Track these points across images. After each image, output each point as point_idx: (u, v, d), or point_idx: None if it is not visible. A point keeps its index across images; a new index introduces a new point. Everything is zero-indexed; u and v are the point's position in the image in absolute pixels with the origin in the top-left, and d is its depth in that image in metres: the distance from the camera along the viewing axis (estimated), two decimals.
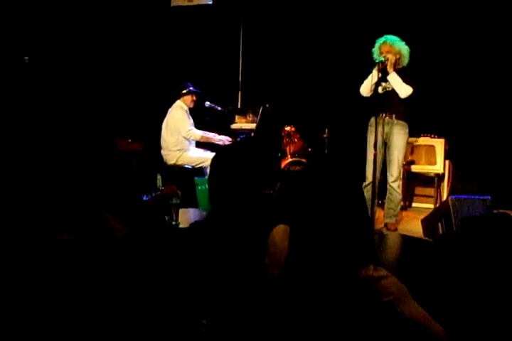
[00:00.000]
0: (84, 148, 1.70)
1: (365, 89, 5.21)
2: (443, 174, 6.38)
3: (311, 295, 1.63)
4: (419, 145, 6.41)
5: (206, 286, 1.86)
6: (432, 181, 6.39)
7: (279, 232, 1.80)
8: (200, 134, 6.23)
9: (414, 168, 6.41)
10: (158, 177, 3.46)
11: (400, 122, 5.24)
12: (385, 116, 5.17)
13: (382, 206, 5.72)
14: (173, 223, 3.34)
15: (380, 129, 5.11)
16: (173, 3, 7.93)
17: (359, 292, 1.58)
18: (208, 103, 6.52)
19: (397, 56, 5.14)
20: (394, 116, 5.20)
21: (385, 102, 5.14)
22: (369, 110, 5.35)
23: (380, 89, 5.19)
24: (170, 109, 6.34)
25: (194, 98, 6.33)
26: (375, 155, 5.05)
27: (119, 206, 1.73)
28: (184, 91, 6.28)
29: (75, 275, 1.44)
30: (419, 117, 6.30)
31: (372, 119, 5.33)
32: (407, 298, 1.62)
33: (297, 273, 1.68)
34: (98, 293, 1.53)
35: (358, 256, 1.62)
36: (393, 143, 5.23)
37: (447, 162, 6.40)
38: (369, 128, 5.36)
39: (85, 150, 1.70)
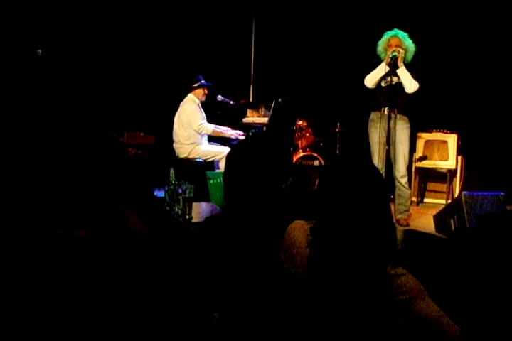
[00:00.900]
0: (97, 143, 1.70)
1: (372, 80, 5.17)
2: (455, 169, 6.35)
3: (332, 293, 1.63)
4: (432, 141, 6.36)
5: (219, 280, 1.87)
6: (445, 176, 6.36)
7: (296, 228, 1.79)
8: (211, 128, 6.23)
9: (427, 164, 6.38)
10: (172, 171, 3.47)
11: (402, 117, 5.21)
12: (387, 111, 5.12)
13: (391, 201, 5.71)
14: (186, 217, 3.35)
15: (384, 124, 5.08)
16: None
17: (378, 290, 1.58)
18: (220, 97, 6.52)
19: (405, 52, 5.12)
20: (396, 110, 5.16)
21: (388, 97, 5.09)
22: (370, 105, 5.33)
23: (382, 83, 5.17)
24: (182, 103, 6.34)
25: (206, 91, 6.32)
26: (387, 151, 5.05)
27: (134, 200, 1.73)
28: (195, 85, 6.28)
29: (92, 270, 1.45)
30: (431, 112, 6.29)
31: (373, 114, 5.31)
32: (424, 296, 1.61)
33: (318, 270, 1.68)
34: (113, 287, 1.54)
35: (380, 254, 1.62)
36: (398, 138, 5.20)
37: (460, 157, 6.37)
38: (370, 123, 5.33)
39: (98, 145, 1.70)
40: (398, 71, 5.07)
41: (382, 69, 5.10)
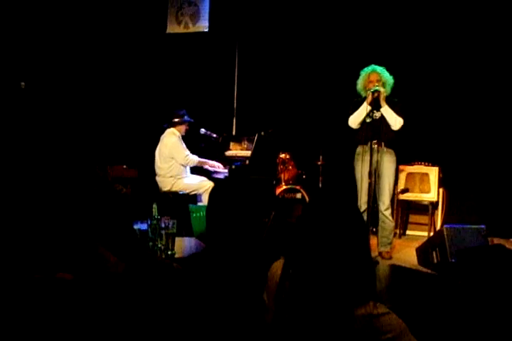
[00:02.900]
0: (82, 182, 1.70)
1: (356, 121, 5.22)
2: (437, 202, 6.40)
3: (307, 332, 1.62)
4: (413, 173, 6.43)
5: (203, 316, 1.86)
6: (426, 209, 6.41)
7: (278, 269, 1.79)
8: (197, 159, 6.26)
9: (408, 196, 6.43)
10: (155, 206, 3.45)
11: (389, 150, 5.26)
12: (373, 145, 5.17)
13: (374, 234, 5.72)
14: (169, 253, 3.33)
15: (369, 158, 5.12)
16: (169, 30, 8.01)
17: (357, 330, 1.57)
18: (203, 130, 6.55)
19: (384, 86, 5.19)
20: (383, 144, 5.21)
21: (373, 131, 5.15)
22: (356, 139, 5.38)
23: (367, 119, 5.21)
24: (162, 136, 6.32)
25: (187, 127, 6.34)
26: (370, 184, 5.07)
27: (114, 240, 1.73)
28: (177, 120, 6.27)
29: (75, 314, 1.44)
30: (413, 145, 6.37)
31: (360, 148, 5.36)
32: (407, 335, 1.61)
33: (292, 308, 1.67)
34: (97, 329, 1.52)
35: (357, 292, 1.61)
36: (383, 171, 5.24)
37: (441, 190, 6.43)
38: (356, 157, 5.37)
39: (83, 185, 1.70)
40: (382, 110, 5.12)
41: (364, 109, 5.15)
